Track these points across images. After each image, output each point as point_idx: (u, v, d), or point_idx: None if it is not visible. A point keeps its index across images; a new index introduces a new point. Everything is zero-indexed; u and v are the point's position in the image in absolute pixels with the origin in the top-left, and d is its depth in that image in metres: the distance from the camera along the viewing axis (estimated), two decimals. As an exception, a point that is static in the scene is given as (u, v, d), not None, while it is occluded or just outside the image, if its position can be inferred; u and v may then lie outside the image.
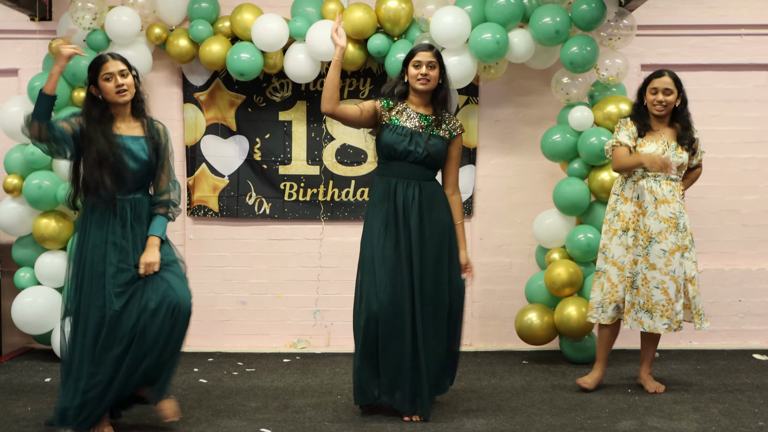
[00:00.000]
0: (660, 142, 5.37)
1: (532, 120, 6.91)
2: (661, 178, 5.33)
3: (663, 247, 5.28)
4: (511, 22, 6.29)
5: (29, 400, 5.38)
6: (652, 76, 5.44)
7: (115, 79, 4.55)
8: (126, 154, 4.57)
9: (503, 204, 6.96)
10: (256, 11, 6.50)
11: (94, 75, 4.58)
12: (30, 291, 6.34)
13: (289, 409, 5.14)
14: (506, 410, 5.10)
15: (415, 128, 4.95)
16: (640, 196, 5.35)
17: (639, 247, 5.34)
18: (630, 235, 5.37)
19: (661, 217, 5.30)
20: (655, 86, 5.38)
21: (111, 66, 4.56)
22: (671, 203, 5.32)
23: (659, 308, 5.30)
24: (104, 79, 4.55)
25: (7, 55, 6.92)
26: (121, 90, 4.56)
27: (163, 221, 4.72)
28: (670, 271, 5.28)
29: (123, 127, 4.63)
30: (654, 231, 5.29)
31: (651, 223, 5.30)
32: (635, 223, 5.36)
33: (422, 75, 4.93)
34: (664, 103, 5.37)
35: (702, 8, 6.94)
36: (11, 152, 6.41)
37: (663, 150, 5.32)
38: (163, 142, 4.71)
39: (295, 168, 6.89)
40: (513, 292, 6.87)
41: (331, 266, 6.95)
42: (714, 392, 5.50)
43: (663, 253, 5.28)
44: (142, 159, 4.60)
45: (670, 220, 5.30)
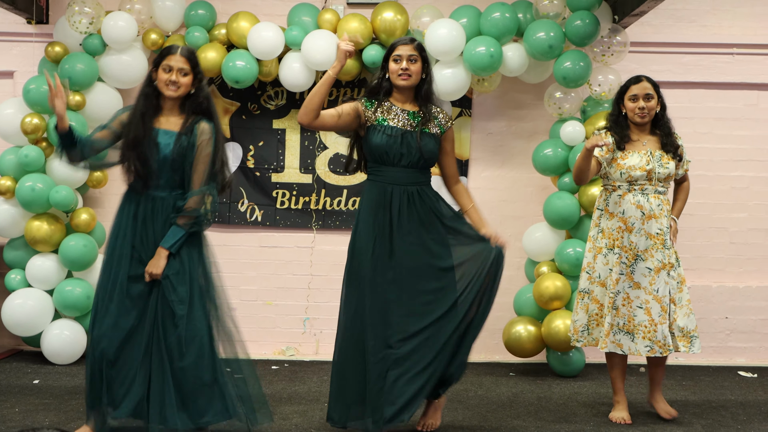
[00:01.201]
0: (643, 152, 5.06)
1: (524, 133, 6.95)
2: (649, 191, 5.03)
3: (648, 265, 4.99)
4: (506, 36, 6.35)
5: (17, 401, 5.37)
6: (630, 83, 5.13)
7: (173, 73, 4.50)
8: (154, 146, 4.50)
9: (494, 216, 6.95)
10: (252, 19, 6.54)
11: (158, 60, 4.56)
12: (20, 293, 6.35)
13: (275, 416, 5.12)
14: (491, 421, 5.12)
15: (404, 127, 4.62)
16: (625, 211, 5.04)
17: (623, 265, 5.01)
18: (615, 252, 5.06)
19: (647, 233, 5.01)
20: (635, 93, 5.07)
21: (174, 60, 4.51)
22: (659, 218, 5.02)
23: (641, 329, 4.99)
24: (163, 69, 4.52)
25: (4, 57, 6.94)
26: (172, 86, 4.51)
27: (175, 232, 4.54)
28: (653, 290, 4.98)
29: (163, 121, 4.57)
30: (641, 248, 5.00)
31: (637, 240, 5.00)
32: (620, 240, 5.04)
33: (403, 70, 4.60)
34: (646, 109, 5.06)
35: (695, 27, 7.00)
36: (5, 154, 6.43)
37: (647, 160, 5.03)
38: (197, 143, 4.53)
39: (288, 176, 6.92)
40: (501, 305, 6.83)
41: (321, 275, 6.98)
42: (698, 408, 5.53)
43: (648, 272, 4.99)
44: (163, 153, 4.50)
45: (657, 236, 5.01)
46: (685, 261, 6.92)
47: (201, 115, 4.59)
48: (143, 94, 4.59)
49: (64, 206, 6.27)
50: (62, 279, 6.41)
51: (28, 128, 6.25)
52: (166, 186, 4.57)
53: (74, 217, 6.40)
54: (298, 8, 6.63)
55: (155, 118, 4.56)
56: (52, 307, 6.39)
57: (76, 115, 6.35)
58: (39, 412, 5.15)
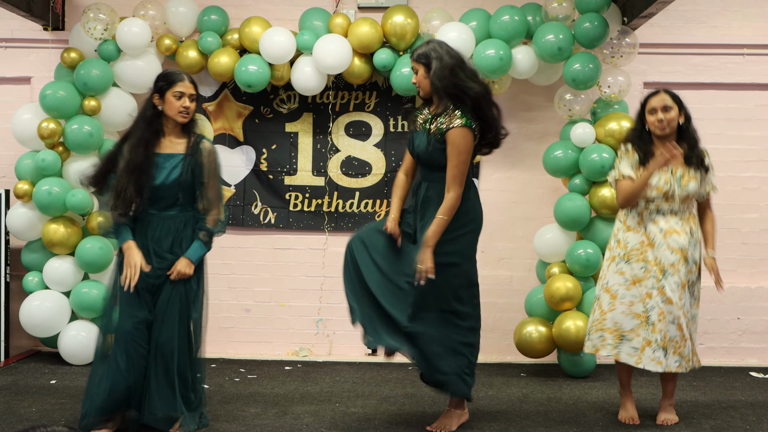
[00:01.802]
0: (663, 170, 4.96)
1: (534, 135, 6.99)
2: (665, 211, 4.97)
3: (676, 280, 4.91)
4: (515, 39, 6.39)
5: (34, 401, 5.46)
6: (649, 97, 5.07)
7: (185, 99, 4.69)
8: (157, 171, 4.66)
9: (505, 218, 7.03)
10: (264, 24, 6.61)
11: (164, 87, 4.69)
12: (38, 295, 6.44)
13: (287, 416, 5.20)
14: (500, 421, 5.16)
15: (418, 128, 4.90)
16: (646, 228, 5.00)
17: (653, 279, 4.93)
18: (639, 267, 4.98)
19: (671, 247, 4.92)
20: (653, 105, 5.00)
21: (185, 87, 4.69)
22: (680, 234, 4.95)
23: (672, 345, 4.92)
24: (174, 95, 4.68)
25: (21, 63, 7.04)
26: (185, 112, 4.70)
27: (201, 247, 4.76)
28: (682, 305, 4.93)
29: (165, 143, 4.72)
30: (667, 263, 4.92)
31: (662, 254, 4.92)
32: (643, 254, 4.97)
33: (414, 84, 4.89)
34: (665, 121, 4.96)
35: (705, 28, 7.01)
36: (22, 159, 6.52)
37: (666, 180, 4.94)
38: (205, 162, 4.72)
39: (301, 179, 6.99)
40: (513, 305, 6.93)
41: (334, 276, 6.98)
42: (707, 408, 5.54)
43: (677, 287, 4.92)
44: (173, 177, 4.66)
45: (681, 251, 4.93)
46: None
47: (193, 132, 4.79)
48: (145, 119, 4.71)
49: (80, 209, 6.35)
50: (79, 281, 6.49)
51: (45, 133, 6.33)
52: (175, 205, 4.74)
53: (90, 219, 6.48)
54: (310, 13, 6.70)
55: (157, 143, 4.70)
56: (69, 308, 6.48)
57: (91, 119, 6.44)
58: (56, 411, 5.24)
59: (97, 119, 6.50)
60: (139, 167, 4.61)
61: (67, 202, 6.32)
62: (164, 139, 4.74)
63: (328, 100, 6.96)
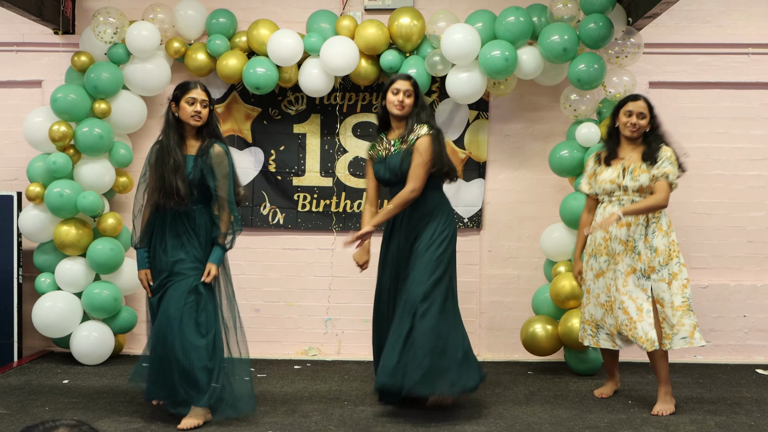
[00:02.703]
0: (618, 165, 5.44)
1: (541, 135, 7.03)
2: (625, 202, 5.39)
3: (620, 269, 5.35)
4: (520, 40, 6.43)
5: (47, 400, 5.53)
6: (628, 99, 5.47)
7: (197, 104, 5.10)
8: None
9: (512, 217, 7.07)
10: (272, 27, 6.66)
11: (179, 94, 5.14)
12: (50, 296, 6.50)
13: (296, 414, 5.25)
14: (507, 418, 5.19)
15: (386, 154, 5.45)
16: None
17: (611, 271, 5.42)
18: (603, 260, 5.46)
19: (619, 239, 5.38)
20: (630, 109, 5.43)
21: (197, 93, 5.13)
22: (632, 226, 5.34)
23: (624, 327, 5.32)
24: (187, 102, 5.11)
25: (32, 67, 7.10)
26: (196, 116, 5.11)
27: (218, 251, 5.13)
28: (627, 291, 5.31)
29: (186, 147, 5.16)
30: (618, 252, 5.38)
31: (615, 246, 5.39)
32: (606, 248, 5.45)
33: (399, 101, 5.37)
34: (637, 126, 5.41)
35: (710, 27, 7.03)
36: (34, 161, 6.57)
37: (618, 174, 5.40)
38: (213, 165, 5.09)
39: (309, 179, 7.05)
40: (520, 304, 6.98)
41: (342, 276, 7.08)
42: (713, 405, 5.57)
43: (620, 275, 5.35)
44: (188, 176, 5.07)
45: (627, 242, 5.34)
46: (702, 260, 7.01)
47: (214, 138, 5.19)
48: (170, 126, 5.15)
49: (91, 211, 6.41)
50: (90, 282, 6.56)
51: (56, 136, 6.39)
52: (196, 201, 5.12)
53: (101, 221, 6.53)
54: (317, 15, 6.75)
55: (183, 146, 5.15)
56: (81, 309, 6.54)
57: (101, 122, 6.49)
58: (68, 410, 5.29)
59: (107, 122, 6.56)
60: (180, 166, 5.04)
61: (79, 204, 6.37)
62: (185, 143, 5.17)
63: (336, 101, 7.01)
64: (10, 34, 7.06)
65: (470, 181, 7.00)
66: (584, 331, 5.66)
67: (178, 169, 5.04)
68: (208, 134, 5.19)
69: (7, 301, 6.69)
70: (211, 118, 5.20)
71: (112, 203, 6.93)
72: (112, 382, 6.03)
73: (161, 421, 5.07)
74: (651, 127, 5.47)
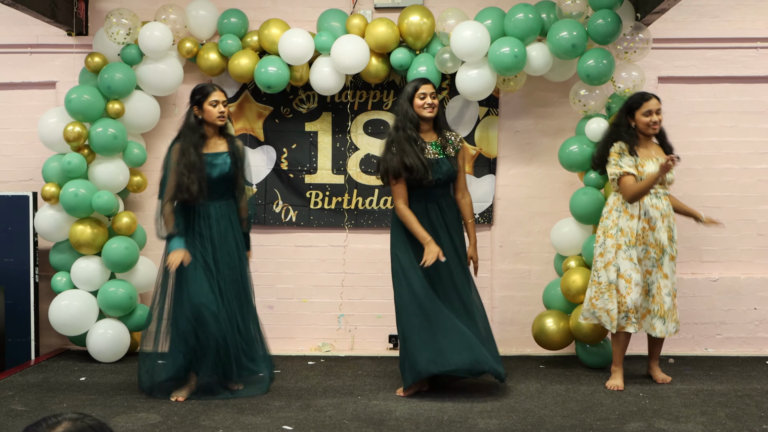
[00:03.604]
0: (654, 160, 5.75)
1: (550, 131, 7.05)
2: (660, 194, 5.75)
3: (668, 258, 5.74)
4: (529, 37, 6.45)
5: (65, 397, 5.58)
6: (643, 100, 5.79)
7: (220, 106, 5.55)
8: (209, 167, 5.52)
9: (522, 213, 7.09)
10: (283, 26, 6.70)
11: (201, 99, 5.55)
12: (66, 294, 6.53)
13: (310, 408, 5.29)
14: (519, 411, 5.22)
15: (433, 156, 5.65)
16: (647, 213, 5.70)
17: (651, 259, 5.73)
18: (640, 249, 5.72)
19: (666, 229, 5.73)
20: (650, 108, 5.75)
21: (218, 96, 5.56)
22: (669, 217, 5.77)
23: (670, 313, 5.74)
24: (211, 104, 5.54)
25: (46, 68, 7.14)
26: (222, 116, 5.58)
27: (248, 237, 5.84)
28: (674, 279, 5.80)
29: (210, 145, 5.59)
30: (665, 243, 5.71)
31: (661, 237, 5.70)
32: (644, 237, 5.71)
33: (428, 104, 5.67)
34: (658, 122, 5.78)
35: (718, 22, 7.03)
36: (49, 161, 6.60)
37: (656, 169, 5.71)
38: (241, 156, 5.67)
39: (321, 177, 7.09)
40: (532, 299, 7.00)
41: (355, 272, 7.12)
42: (723, 396, 5.58)
43: (670, 263, 5.75)
44: (224, 171, 5.57)
45: (671, 231, 5.78)
46: (713, 253, 7.02)
47: (228, 133, 5.70)
48: (189, 128, 5.56)
49: (106, 210, 6.45)
50: (105, 280, 6.59)
51: (71, 136, 6.43)
52: (222, 197, 5.62)
53: (116, 220, 6.57)
54: (327, 14, 6.78)
55: (203, 145, 5.54)
56: (97, 307, 6.58)
57: (115, 122, 6.54)
58: (86, 407, 5.34)
59: (120, 122, 6.60)
60: (197, 166, 5.45)
61: (93, 203, 6.41)
62: (208, 141, 5.59)
63: (347, 99, 7.05)
64: (24, 36, 7.11)
65: (481, 177, 7.03)
66: (627, 319, 5.74)
67: (193, 169, 5.43)
68: (228, 131, 5.70)
69: (24, 300, 6.73)
70: (228, 118, 5.66)
71: (126, 202, 6.96)
72: (129, 378, 6.06)
73: (177, 417, 5.11)
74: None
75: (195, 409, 5.26)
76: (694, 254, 7.06)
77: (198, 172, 5.45)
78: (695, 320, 7.05)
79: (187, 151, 5.48)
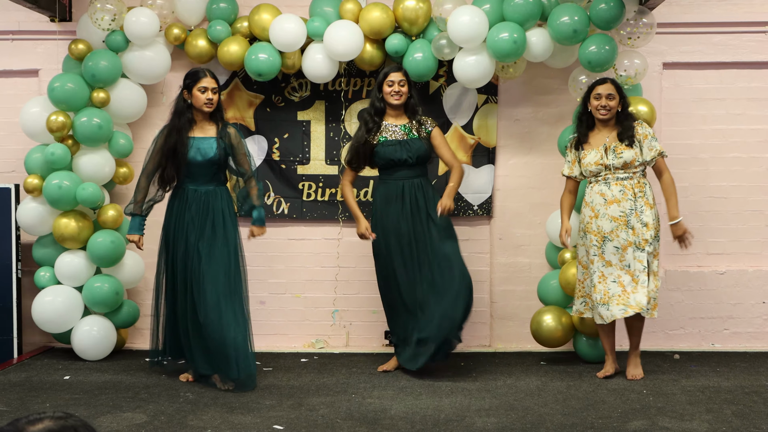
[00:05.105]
0: (599, 148, 5.77)
1: (551, 119, 6.88)
2: (611, 180, 5.74)
3: (615, 245, 5.68)
4: (529, 21, 6.28)
5: (48, 396, 5.46)
6: (596, 84, 5.82)
7: (208, 93, 5.63)
8: (194, 151, 5.62)
9: (522, 204, 6.93)
10: (274, 11, 6.55)
11: (191, 83, 5.64)
12: (50, 290, 6.42)
13: (302, 407, 5.16)
14: (518, 410, 5.08)
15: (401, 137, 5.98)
16: (593, 200, 5.78)
17: (594, 248, 5.75)
18: (588, 237, 5.80)
19: (610, 216, 5.68)
20: (599, 92, 5.76)
21: (207, 82, 5.64)
22: (621, 202, 5.69)
23: (615, 298, 5.67)
24: (199, 90, 5.62)
25: (28, 56, 7.01)
26: (209, 103, 5.65)
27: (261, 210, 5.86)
28: (624, 265, 5.68)
29: (197, 130, 5.70)
30: (606, 230, 5.70)
31: (603, 224, 5.70)
32: (588, 225, 5.79)
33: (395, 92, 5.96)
34: (608, 107, 5.75)
35: (725, 5, 6.87)
36: (31, 152, 6.48)
37: (601, 155, 5.74)
38: (234, 143, 5.73)
39: (314, 168, 6.93)
40: (532, 293, 6.82)
41: (349, 266, 6.98)
42: (730, 393, 5.44)
43: (616, 250, 5.68)
44: (208, 156, 5.64)
45: (620, 218, 5.67)
46: (719, 245, 6.91)
47: (219, 120, 5.76)
48: (177, 112, 5.68)
49: (91, 203, 6.32)
50: (91, 275, 6.47)
51: (54, 126, 6.29)
52: (212, 180, 5.73)
53: (101, 213, 6.45)
54: (320, -1, 6.62)
55: (190, 130, 5.65)
56: (82, 303, 6.46)
57: (100, 112, 6.40)
58: (69, 406, 5.21)
59: (106, 111, 6.47)
60: (174, 149, 5.58)
61: (78, 195, 6.29)
62: (196, 126, 5.70)
63: (341, 87, 6.89)
64: (5, 22, 6.97)
65: (479, 167, 6.87)
66: (585, 305, 5.92)
67: (172, 153, 5.61)
68: (221, 118, 5.76)
69: (6, 296, 6.61)
70: (219, 102, 5.74)
71: (112, 194, 6.83)
72: (114, 377, 5.96)
73: (164, 416, 4.98)
74: (621, 107, 5.80)
75: (183, 409, 5.13)
76: (700, 246, 6.90)
77: (176, 155, 5.58)
78: (701, 315, 6.91)
79: (170, 135, 5.64)
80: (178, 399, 5.36)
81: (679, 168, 6.52)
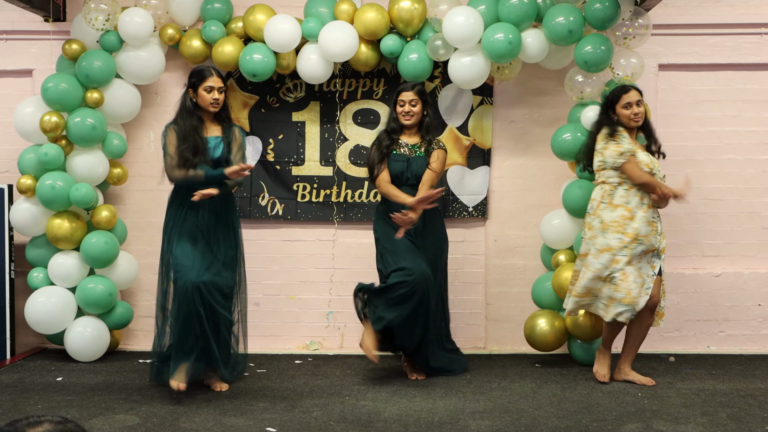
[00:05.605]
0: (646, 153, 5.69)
1: (546, 121, 6.85)
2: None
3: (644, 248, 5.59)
4: (525, 22, 6.25)
5: (40, 398, 5.42)
6: (623, 92, 5.66)
7: (214, 92, 5.50)
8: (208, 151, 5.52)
9: (517, 206, 6.90)
10: (268, 12, 6.52)
11: (196, 82, 5.49)
12: (43, 291, 6.38)
13: (296, 410, 5.13)
14: (513, 412, 5.05)
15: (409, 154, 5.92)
16: (629, 201, 5.58)
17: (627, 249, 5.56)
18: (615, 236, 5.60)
19: (648, 220, 5.59)
20: (630, 100, 5.62)
21: (213, 81, 5.50)
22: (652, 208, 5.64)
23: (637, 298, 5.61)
24: (205, 90, 5.49)
25: (22, 56, 6.97)
26: (215, 103, 5.52)
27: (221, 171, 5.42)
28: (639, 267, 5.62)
29: (204, 129, 5.54)
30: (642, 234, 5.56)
31: (640, 227, 5.55)
32: (623, 226, 5.56)
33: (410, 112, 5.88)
34: (640, 114, 5.65)
35: (722, 7, 6.84)
36: (25, 153, 6.45)
37: (651, 160, 5.63)
38: (236, 142, 5.58)
39: (308, 169, 6.89)
40: (527, 295, 6.79)
41: (344, 268, 6.94)
42: (725, 396, 5.41)
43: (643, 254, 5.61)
44: (215, 156, 5.48)
45: (653, 222, 5.62)
46: (715, 247, 6.91)
47: (225, 120, 5.62)
48: (186, 111, 5.51)
49: (84, 204, 6.28)
50: (84, 276, 6.44)
51: (47, 126, 6.26)
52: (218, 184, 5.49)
53: (95, 214, 6.41)
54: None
55: (202, 128, 5.52)
56: (75, 304, 6.42)
57: (94, 112, 6.36)
58: (62, 408, 5.18)
59: (100, 111, 6.43)
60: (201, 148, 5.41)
61: (71, 196, 6.25)
62: (203, 126, 5.55)
63: (335, 88, 6.85)
64: (-1, 22, 6.95)
65: (474, 168, 6.84)
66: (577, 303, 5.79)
67: (198, 152, 5.40)
68: (226, 117, 5.63)
69: (-1, 296, 6.58)
70: (225, 101, 5.60)
71: (105, 195, 6.80)
72: (108, 379, 5.92)
73: (157, 418, 4.95)
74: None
75: (175, 411, 5.10)
76: (695, 248, 6.89)
77: (202, 154, 5.42)
78: (697, 317, 6.88)
79: (190, 135, 5.44)
80: (171, 401, 5.32)
81: (675, 170, 6.49)
